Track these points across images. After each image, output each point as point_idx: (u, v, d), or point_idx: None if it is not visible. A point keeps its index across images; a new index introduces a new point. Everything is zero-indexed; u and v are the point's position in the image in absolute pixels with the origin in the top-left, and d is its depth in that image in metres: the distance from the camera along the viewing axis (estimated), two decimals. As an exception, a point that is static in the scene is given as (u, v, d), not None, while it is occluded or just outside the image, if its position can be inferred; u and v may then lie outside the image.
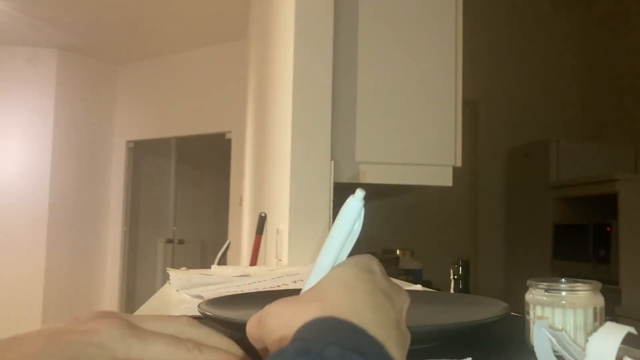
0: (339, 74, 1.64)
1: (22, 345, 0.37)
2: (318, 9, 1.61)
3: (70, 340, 0.37)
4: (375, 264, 0.41)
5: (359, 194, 0.41)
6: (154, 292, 1.19)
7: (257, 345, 0.40)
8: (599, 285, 0.56)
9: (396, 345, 0.34)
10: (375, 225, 3.68)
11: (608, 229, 3.05)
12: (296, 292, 0.41)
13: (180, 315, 0.43)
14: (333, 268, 0.40)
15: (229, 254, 3.27)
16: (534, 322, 0.56)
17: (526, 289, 0.59)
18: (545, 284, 0.57)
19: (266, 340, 0.37)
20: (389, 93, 1.71)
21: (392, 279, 0.41)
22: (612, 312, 2.83)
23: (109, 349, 0.37)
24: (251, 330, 0.39)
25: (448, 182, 1.73)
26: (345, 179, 1.65)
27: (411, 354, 0.59)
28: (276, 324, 0.36)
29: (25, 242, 5.12)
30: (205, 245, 5.83)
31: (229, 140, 5.11)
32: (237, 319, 0.60)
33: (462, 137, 1.74)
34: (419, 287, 1.15)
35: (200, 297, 0.91)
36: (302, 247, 1.52)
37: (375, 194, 2.53)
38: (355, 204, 0.41)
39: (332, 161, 1.57)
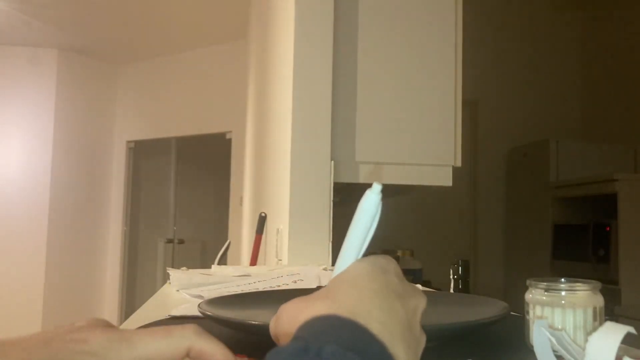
0: (339, 73, 1.64)
1: (14, 350, 0.37)
2: (318, 9, 1.61)
3: (60, 347, 0.37)
4: (391, 265, 0.40)
5: (376, 187, 0.41)
6: (154, 292, 1.19)
7: (278, 343, 0.40)
8: (599, 285, 0.56)
9: (404, 347, 0.33)
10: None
11: (607, 229, 3.05)
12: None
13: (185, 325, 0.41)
14: (350, 265, 0.40)
15: (229, 253, 3.27)
16: (533, 322, 0.56)
17: (526, 288, 0.59)
18: (545, 283, 0.57)
19: (279, 336, 0.38)
20: (389, 93, 1.71)
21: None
22: (611, 311, 2.83)
23: (99, 356, 0.37)
24: (271, 327, 0.40)
25: (448, 182, 1.73)
26: (345, 179, 1.65)
27: (411, 354, 0.59)
28: (286, 320, 0.37)
29: (26, 241, 5.12)
30: (206, 245, 5.83)
31: (229, 140, 5.11)
32: (237, 319, 0.60)
33: (462, 137, 1.74)
34: (418, 286, 1.15)
35: (200, 296, 0.91)
36: (302, 247, 1.53)
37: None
38: (372, 197, 0.41)
39: (332, 161, 1.57)
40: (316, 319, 0.33)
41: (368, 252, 0.42)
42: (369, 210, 0.41)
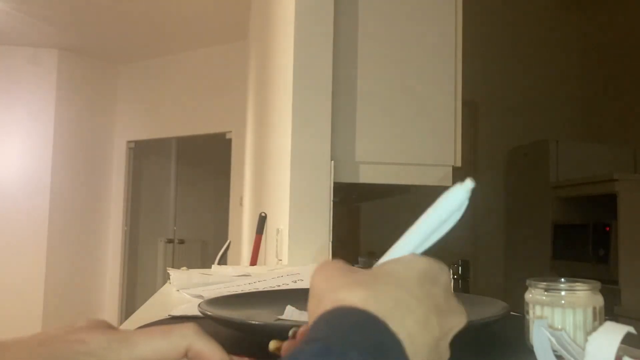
0: (339, 73, 1.64)
1: (13, 350, 0.37)
2: (318, 9, 1.61)
3: (60, 348, 0.37)
4: (443, 276, 0.38)
5: (468, 184, 0.37)
6: (154, 292, 1.19)
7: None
8: (598, 285, 0.56)
9: None
10: (375, 225, 3.68)
11: (607, 229, 3.05)
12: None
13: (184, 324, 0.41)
14: (407, 256, 0.38)
15: (229, 253, 3.27)
16: (533, 322, 0.56)
17: (526, 288, 0.59)
18: (545, 283, 0.57)
19: (309, 313, 0.37)
20: (389, 93, 1.71)
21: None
22: (611, 311, 2.83)
23: (98, 357, 0.37)
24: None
25: (448, 182, 1.73)
26: (345, 179, 1.65)
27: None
28: (317, 287, 0.36)
29: (26, 242, 5.12)
30: (206, 245, 5.84)
31: (229, 140, 5.12)
32: (237, 319, 0.60)
33: (462, 137, 1.74)
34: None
35: (200, 296, 0.91)
36: (302, 247, 1.53)
37: (375, 194, 2.53)
38: (459, 193, 0.37)
39: (332, 161, 1.57)
40: (347, 311, 0.31)
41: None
42: (448, 205, 0.37)
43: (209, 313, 0.62)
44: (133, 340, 0.39)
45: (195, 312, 0.67)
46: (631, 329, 0.44)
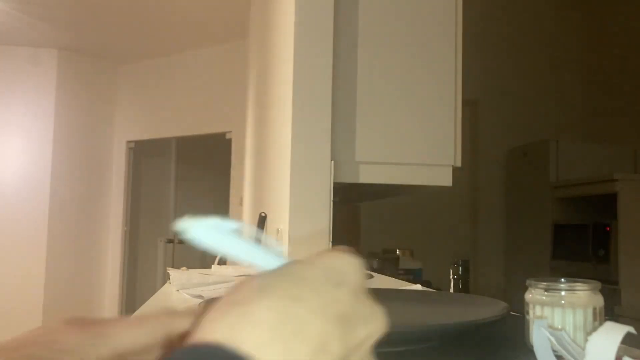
0: (338, 73, 1.64)
1: None
2: (318, 8, 1.61)
3: (35, 351, 0.37)
4: (351, 275, 0.30)
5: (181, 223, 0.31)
6: (154, 292, 1.19)
7: None
8: (599, 285, 0.56)
9: None
10: (375, 225, 3.68)
11: (607, 229, 3.05)
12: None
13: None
14: (293, 265, 0.31)
15: (229, 254, 3.27)
16: (533, 322, 0.56)
17: (526, 288, 0.59)
18: (545, 283, 0.57)
19: None
20: (389, 93, 1.71)
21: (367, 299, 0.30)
22: (611, 311, 2.83)
23: (77, 354, 0.37)
24: None
25: (448, 182, 1.73)
26: (345, 179, 1.65)
27: (412, 354, 0.59)
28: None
29: (26, 242, 5.12)
30: (206, 245, 5.83)
31: (229, 140, 5.11)
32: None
33: (462, 137, 1.74)
34: (418, 286, 1.16)
35: (200, 296, 0.91)
36: (302, 247, 1.52)
37: (376, 194, 2.53)
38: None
39: (332, 161, 1.57)
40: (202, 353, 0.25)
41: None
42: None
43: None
44: (109, 333, 0.38)
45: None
46: (631, 329, 0.44)
